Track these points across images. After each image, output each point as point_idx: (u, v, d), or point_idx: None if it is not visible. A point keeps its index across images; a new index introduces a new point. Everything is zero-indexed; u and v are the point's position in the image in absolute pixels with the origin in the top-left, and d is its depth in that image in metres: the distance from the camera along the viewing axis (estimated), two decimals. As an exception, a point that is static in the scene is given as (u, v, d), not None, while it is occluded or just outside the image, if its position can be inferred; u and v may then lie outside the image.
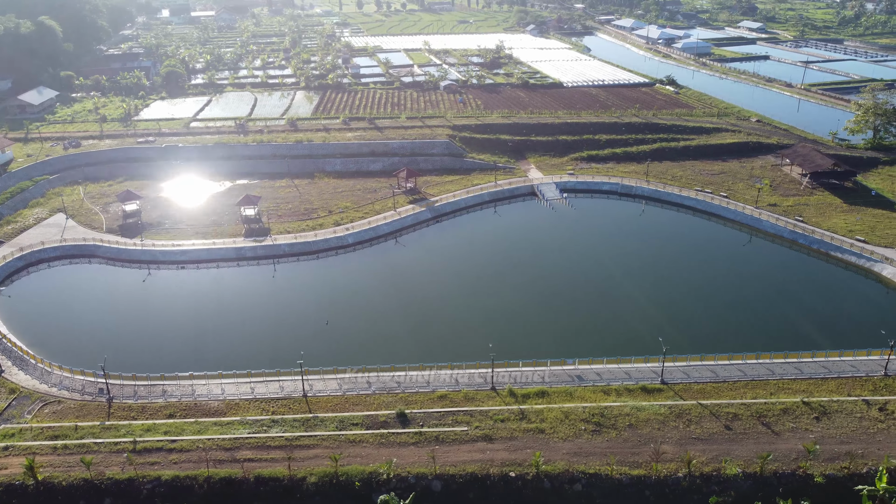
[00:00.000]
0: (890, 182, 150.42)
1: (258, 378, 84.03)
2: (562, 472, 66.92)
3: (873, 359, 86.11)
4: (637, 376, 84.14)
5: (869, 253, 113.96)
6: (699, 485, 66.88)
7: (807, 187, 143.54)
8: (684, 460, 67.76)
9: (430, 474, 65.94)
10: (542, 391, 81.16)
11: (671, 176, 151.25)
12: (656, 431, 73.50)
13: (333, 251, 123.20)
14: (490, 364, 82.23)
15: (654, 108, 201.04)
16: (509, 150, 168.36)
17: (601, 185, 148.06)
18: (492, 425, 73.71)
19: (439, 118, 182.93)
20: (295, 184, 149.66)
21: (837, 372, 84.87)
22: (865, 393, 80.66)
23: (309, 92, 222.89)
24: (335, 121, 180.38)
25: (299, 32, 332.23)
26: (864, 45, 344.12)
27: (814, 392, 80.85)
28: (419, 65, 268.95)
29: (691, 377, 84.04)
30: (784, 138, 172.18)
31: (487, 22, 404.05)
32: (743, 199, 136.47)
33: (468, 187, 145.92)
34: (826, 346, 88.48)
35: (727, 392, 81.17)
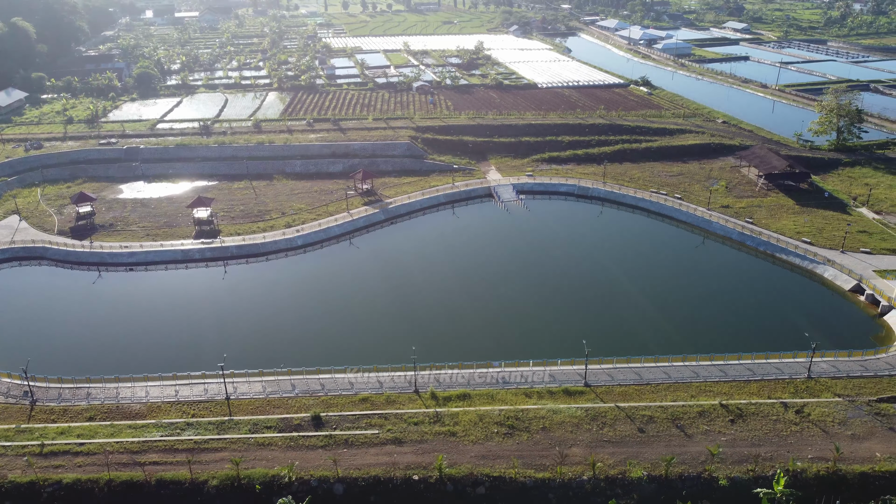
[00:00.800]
0: (849, 183, 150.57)
1: (183, 381, 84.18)
2: (465, 475, 67.06)
3: (799, 361, 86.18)
4: (561, 378, 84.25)
5: (812, 255, 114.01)
6: (603, 487, 67.01)
7: (762, 189, 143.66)
8: (589, 463, 67.81)
9: (332, 477, 66.08)
10: (465, 393, 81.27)
11: (629, 177, 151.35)
12: (569, 434, 73.64)
13: (283, 253, 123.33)
14: (415, 367, 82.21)
15: (625, 109, 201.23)
16: (471, 151, 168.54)
17: (558, 187, 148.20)
18: (404, 428, 73.84)
19: (404, 119, 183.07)
20: (253, 185, 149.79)
21: (762, 374, 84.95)
22: (786, 395, 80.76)
23: (282, 93, 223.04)
24: (300, 122, 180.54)
25: (280, 33, 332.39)
26: (847, 46, 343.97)
27: (734, 395, 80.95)
28: (396, 66, 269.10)
29: (615, 379, 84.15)
30: (747, 139, 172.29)
31: (472, 23, 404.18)
32: (697, 200, 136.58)
33: (425, 189, 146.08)
34: (762, 348, 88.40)
35: (649, 394, 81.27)
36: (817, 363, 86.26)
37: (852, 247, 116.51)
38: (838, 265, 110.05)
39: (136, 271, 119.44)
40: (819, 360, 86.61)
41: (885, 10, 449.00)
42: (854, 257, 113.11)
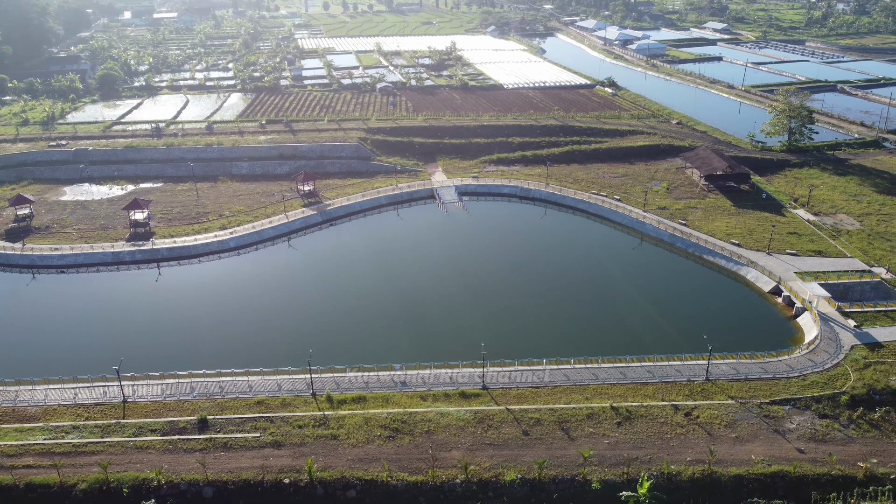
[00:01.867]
0: (794, 184, 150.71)
1: (84, 384, 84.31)
2: (337, 478, 67.20)
3: (699, 363, 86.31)
4: (461, 381, 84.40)
5: (737, 257, 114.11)
6: (475, 490, 67.15)
7: (702, 190, 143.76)
8: (462, 465, 67.96)
9: (202, 480, 66.24)
10: (361, 396, 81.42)
11: (574, 179, 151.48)
12: (452, 437, 73.79)
13: (216, 255, 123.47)
14: (310, 370, 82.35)
15: (586, 109, 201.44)
16: (421, 153, 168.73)
17: (501, 189, 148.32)
18: (287, 431, 74.01)
19: (358, 121, 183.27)
20: (197, 187, 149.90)
21: (660, 377, 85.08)
22: (679, 398, 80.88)
23: (245, 94, 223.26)
24: (253, 124, 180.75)
25: (255, 35, 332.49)
26: (824, 46, 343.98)
27: (629, 397, 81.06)
28: (365, 67, 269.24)
29: (514, 382, 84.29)
30: (698, 140, 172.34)
31: (451, 23, 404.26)
32: (635, 202, 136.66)
33: (367, 191, 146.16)
34: (677, 350, 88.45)
35: (545, 397, 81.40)
36: (718, 365, 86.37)
37: (779, 248, 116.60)
38: (760, 267, 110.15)
39: (68, 273, 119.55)
40: (720, 363, 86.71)
41: (868, 9, 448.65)
42: (779, 259, 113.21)
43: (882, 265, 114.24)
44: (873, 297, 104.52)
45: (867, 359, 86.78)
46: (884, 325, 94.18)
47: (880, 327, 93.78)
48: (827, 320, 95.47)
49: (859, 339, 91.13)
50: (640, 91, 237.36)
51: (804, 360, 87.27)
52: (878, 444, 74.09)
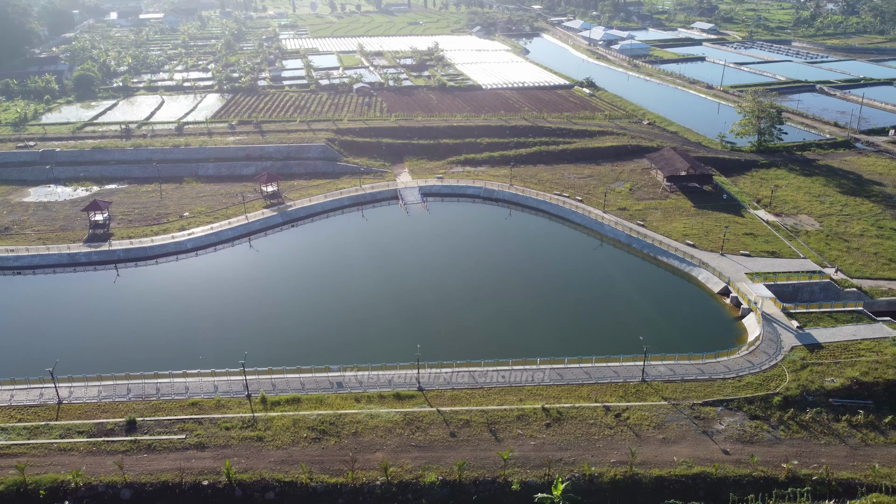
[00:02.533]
0: (759, 185, 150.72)
1: (22, 385, 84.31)
2: (256, 480, 67.24)
3: (637, 364, 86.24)
4: (399, 383, 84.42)
5: (690, 258, 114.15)
6: (394, 492, 67.19)
7: (664, 191, 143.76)
8: (382, 467, 68.00)
9: (120, 483, 66.28)
10: (296, 398, 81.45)
11: (539, 179, 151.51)
12: (378, 439, 73.82)
13: (173, 256, 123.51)
14: (245, 371, 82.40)
15: (561, 110, 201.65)
16: (389, 153, 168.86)
17: (465, 190, 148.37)
18: (214, 433, 74.06)
19: (328, 122, 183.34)
20: (162, 188, 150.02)
21: (598, 378, 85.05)
22: (613, 399, 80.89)
23: (222, 95, 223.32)
24: (222, 125, 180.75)
25: (238, 35, 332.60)
26: (810, 46, 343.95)
27: (563, 398, 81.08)
28: (346, 67, 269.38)
29: (452, 383, 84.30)
30: (667, 141, 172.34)
31: (438, 23, 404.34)
32: (597, 203, 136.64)
33: (331, 192, 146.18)
34: (624, 350, 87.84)
35: (480, 398, 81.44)
36: (656, 367, 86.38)
37: (733, 249, 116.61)
38: (711, 268, 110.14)
39: (24, 275, 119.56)
40: (658, 364, 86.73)
41: (857, 10, 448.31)
42: (732, 260, 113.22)
43: (838, 266, 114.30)
44: (823, 298, 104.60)
45: (805, 360, 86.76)
46: (826, 326, 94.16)
47: (823, 328, 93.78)
48: (771, 321, 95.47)
49: (800, 340, 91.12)
50: (618, 91, 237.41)
51: (742, 362, 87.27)
52: (806, 446, 74.11)
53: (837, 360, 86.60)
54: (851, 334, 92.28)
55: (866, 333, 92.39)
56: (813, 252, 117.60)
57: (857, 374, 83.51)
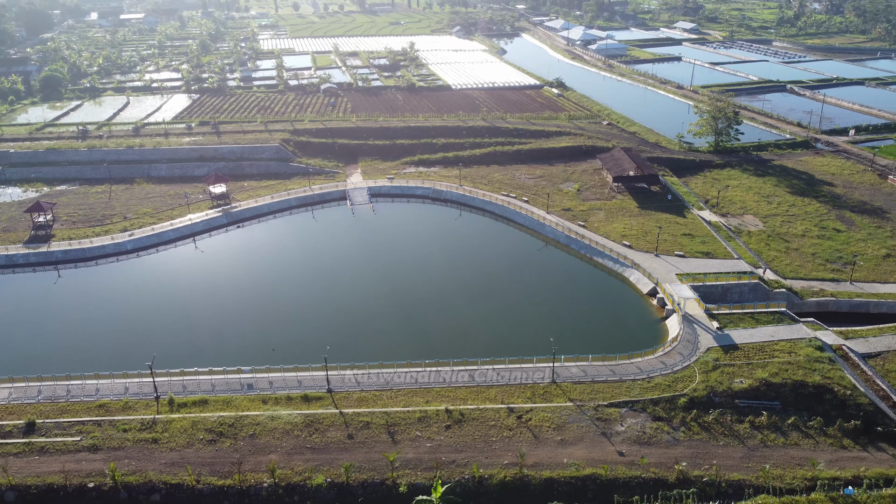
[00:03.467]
0: (711, 185, 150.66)
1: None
2: (143, 482, 67.25)
3: (549, 366, 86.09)
4: (308, 384, 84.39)
5: (623, 258, 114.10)
6: (281, 494, 67.18)
7: (611, 191, 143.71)
8: (269, 469, 67.98)
9: (5, 485, 66.27)
10: (204, 399, 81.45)
11: (490, 180, 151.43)
12: (274, 441, 73.80)
13: (113, 257, 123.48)
14: (153, 372, 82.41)
15: (528, 110, 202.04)
16: (344, 154, 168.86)
17: (414, 190, 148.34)
18: (111, 435, 74.06)
19: (286, 122, 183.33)
20: (112, 189, 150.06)
21: (509, 379, 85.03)
22: (520, 401, 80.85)
23: (190, 95, 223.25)
24: (181, 125, 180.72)
25: (216, 35, 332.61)
26: (790, 46, 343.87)
27: (470, 399, 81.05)
28: (319, 67, 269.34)
29: (362, 385, 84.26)
30: (625, 141, 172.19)
31: (420, 23, 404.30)
32: (542, 204, 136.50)
33: (280, 192, 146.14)
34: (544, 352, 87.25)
35: (387, 399, 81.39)
36: (569, 368, 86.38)
37: (668, 250, 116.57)
38: (643, 269, 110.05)
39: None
40: (571, 365, 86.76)
41: (842, 9, 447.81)
42: (665, 260, 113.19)
43: (774, 266, 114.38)
44: (752, 299, 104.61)
45: (718, 361, 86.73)
46: (746, 328, 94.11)
47: (742, 329, 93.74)
48: (693, 322, 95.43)
49: (718, 341, 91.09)
50: (588, 92, 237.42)
51: (656, 363, 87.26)
52: (703, 447, 74.07)
53: (750, 362, 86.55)
54: (769, 335, 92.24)
55: (784, 334, 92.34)
56: (750, 253, 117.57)
57: (766, 376, 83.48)
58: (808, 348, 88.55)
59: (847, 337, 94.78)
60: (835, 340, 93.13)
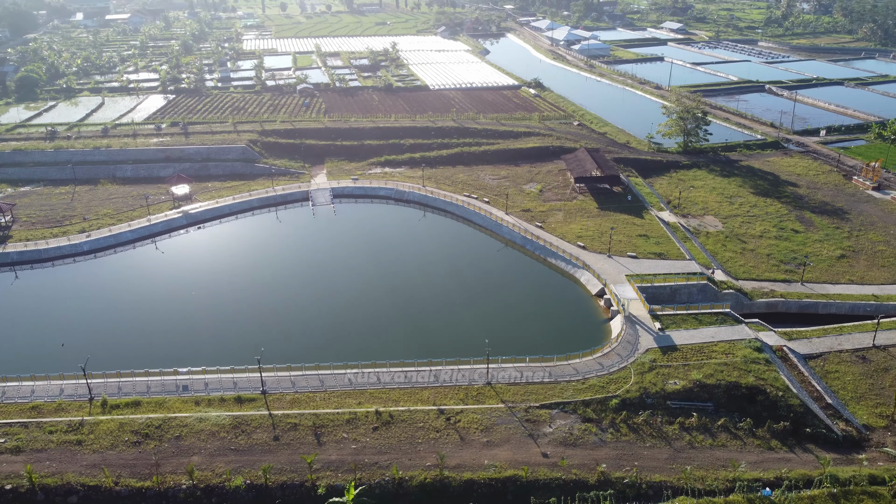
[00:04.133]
0: (676, 186, 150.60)
1: None
2: (61, 484, 67.21)
3: (491, 367, 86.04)
4: (243, 386, 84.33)
5: (576, 259, 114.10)
6: (199, 496, 67.13)
7: (573, 191, 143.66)
8: (188, 471, 67.94)
9: (-80, 487, 66.27)
10: (137, 401, 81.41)
11: (454, 181, 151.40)
12: (199, 442, 73.76)
13: (70, 259, 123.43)
14: (86, 374, 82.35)
15: (503, 111, 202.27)
16: (311, 154, 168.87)
17: (377, 191, 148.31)
18: (35, 437, 74.03)
19: (255, 123, 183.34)
20: (76, 190, 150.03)
21: (444, 380, 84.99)
22: (452, 402, 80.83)
23: (167, 96, 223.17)
24: (150, 126, 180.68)
25: (201, 35, 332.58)
26: (775, 46, 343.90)
27: (403, 401, 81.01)
28: (298, 68, 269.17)
29: (297, 386, 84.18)
30: (594, 142, 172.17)
31: (407, 24, 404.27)
32: (502, 204, 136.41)
33: (244, 193, 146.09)
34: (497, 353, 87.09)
35: (320, 401, 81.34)
36: (506, 369, 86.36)
37: (622, 251, 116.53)
38: (593, 270, 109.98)
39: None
40: (509, 366, 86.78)
41: (831, 9, 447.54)
42: (617, 261, 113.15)
43: (728, 267, 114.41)
44: (701, 300, 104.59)
45: (655, 362, 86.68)
46: (688, 328, 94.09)
47: (684, 330, 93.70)
48: (636, 323, 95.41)
49: (658, 342, 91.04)
50: (565, 92, 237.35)
51: (593, 364, 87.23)
52: (629, 448, 74.02)
53: (687, 363, 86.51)
54: (710, 336, 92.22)
55: (725, 335, 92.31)
56: (704, 254, 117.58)
57: (701, 377, 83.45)
58: (747, 349, 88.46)
59: (791, 338, 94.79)
60: (777, 341, 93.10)
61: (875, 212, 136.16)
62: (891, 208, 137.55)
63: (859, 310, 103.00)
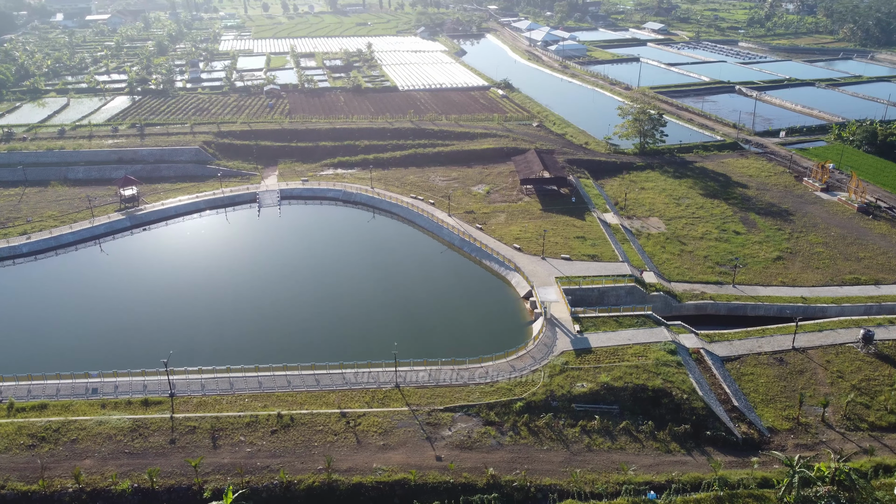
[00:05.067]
0: (627, 187, 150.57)
1: None
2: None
3: (401, 370, 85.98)
4: (153, 388, 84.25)
5: (508, 261, 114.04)
6: (85, 500, 67.13)
7: (520, 193, 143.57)
8: (73, 474, 67.92)
9: None
10: (44, 404, 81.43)
11: (404, 182, 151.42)
12: (95, 446, 73.75)
13: (8, 261, 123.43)
14: (11, 377, 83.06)
15: (468, 111, 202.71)
16: (266, 156, 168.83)
17: (325, 192, 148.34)
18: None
19: (213, 124, 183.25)
20: (25, 192, 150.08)
21: (355, 383, 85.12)
22: (357, 405, 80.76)
23: (133, 97, 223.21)
24: (106, 127, 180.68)
25: (178, 36, 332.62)
26: (755, 47, 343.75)
27: (308, 404, 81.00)
28: (272, 69, 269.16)
29: (206, 389, 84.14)
30: (551, 143, 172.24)
31: (388, 24, 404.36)
32: (447, 205, 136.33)
33: (192, 194, 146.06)
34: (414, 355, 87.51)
35: (226, 404, 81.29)
36: (418, 371, 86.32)
37: (556, 253, 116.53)
38: (523, 272, 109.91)
39: None
40: (420, 369, 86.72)
41: (815, 9, 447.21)
42: (550, 263, 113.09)
43: (663, 269, 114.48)
44: (629, 301, 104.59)
45: (567, 364, 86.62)
46: (607, 331, 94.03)
47: (602, 333, 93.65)
48: (556, 325, 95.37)
49: (574, 344, 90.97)
50: (535, 93, 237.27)
51: (505, 367, 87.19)
52: (526, 451, 73.97)
53: (599, 365, 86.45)
54: (627, 339, 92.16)
55: (643, 338, 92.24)
56: (640, 256, 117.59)
57: (609, 380, 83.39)
58: (660, 352, 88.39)
59: (712, 340, 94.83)
60: (696, 344, 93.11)
61: (820, 213, 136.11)
62: (836, 209, 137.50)
63: (786, 312, 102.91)
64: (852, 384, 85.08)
